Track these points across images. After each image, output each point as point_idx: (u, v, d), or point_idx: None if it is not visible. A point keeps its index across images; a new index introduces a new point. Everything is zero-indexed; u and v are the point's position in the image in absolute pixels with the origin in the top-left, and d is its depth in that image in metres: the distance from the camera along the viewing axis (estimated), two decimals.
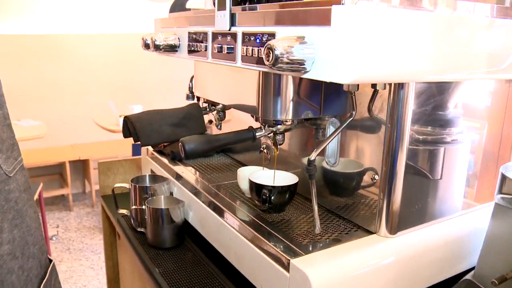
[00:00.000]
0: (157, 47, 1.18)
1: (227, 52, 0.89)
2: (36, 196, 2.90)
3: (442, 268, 0.87)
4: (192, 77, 1.32)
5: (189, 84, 1.36)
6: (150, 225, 1.08)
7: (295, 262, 0.73)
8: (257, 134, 0.96)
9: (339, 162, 0.93)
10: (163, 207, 1.08)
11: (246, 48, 0.76)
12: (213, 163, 1.31)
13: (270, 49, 0.64)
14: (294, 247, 0.79)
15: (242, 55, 0.82)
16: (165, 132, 1.19)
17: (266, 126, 0.97)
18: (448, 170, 0.88)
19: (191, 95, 1.34)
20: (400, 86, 0.77)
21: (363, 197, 0.86)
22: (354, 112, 0.83)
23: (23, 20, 3.77)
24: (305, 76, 0.66)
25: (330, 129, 0.95)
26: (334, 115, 0.91)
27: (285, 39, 0.63)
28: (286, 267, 0.75)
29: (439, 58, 0.71)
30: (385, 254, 0.79)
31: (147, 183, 1.21)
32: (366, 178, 0.85)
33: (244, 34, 0.77)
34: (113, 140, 4.10)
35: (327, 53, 0.61)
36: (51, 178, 4.09)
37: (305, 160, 1.00)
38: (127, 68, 4.20)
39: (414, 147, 0.82)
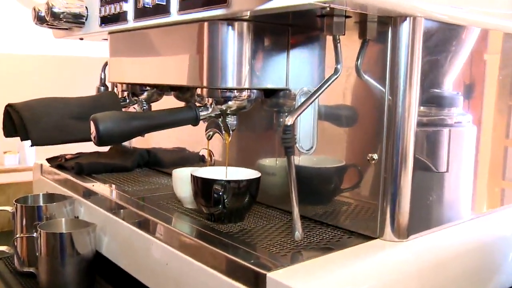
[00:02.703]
0: (55, 17, 1.04)
1: (157, 3, 0.84)
2: None
3: (478, 281, 0.84)
4: (105, 64, 1.23)
5: (101, 75, 1.26)
6: (44, 260, 0.95)
7: (273, 276, 0.65)
8: (201, 113, 0.86)
9: (315, 149, 0.87)
10: (64, 231, 0.97)
11: None
12: (134, 176, 1.24)
13: None
14: (269, 259, 0.70)
15: (179, 1, 0.79)
16: (68, 127, 1.03)
17: (213, 104, 0.88)
18: (464, 158, 0.87)
19: (103, 88, 1.25)
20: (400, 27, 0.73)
21: (353, 196, 0.82)
22: (339, 67, 0.75)
23: None
24: None
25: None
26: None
27: None
28: (260, 285, 0.66)
29: None
30: (402, 261, 0.75)
31: (41, 203, 1.10)
32: (353, 173, 0.82)
33: None
34: None
35: None
36: None
37: (264, 161, 0.96)
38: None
39: (425, 127, 0.79)
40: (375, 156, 0.76)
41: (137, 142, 1.37)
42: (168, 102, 1.06)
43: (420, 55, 0.73)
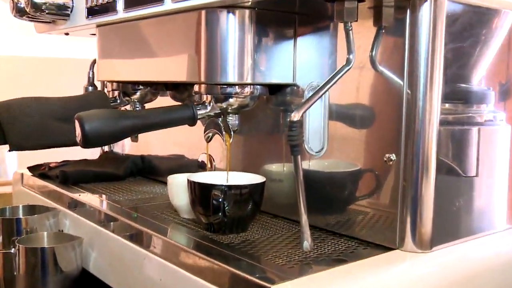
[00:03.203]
0: (37, 8, 1.06)
1: None
2: None
3: None
4: (93, 62, 1.25)
5: (89, 73, 1.28)
6: (23, 279, 0.95)
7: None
8: (199, 112, 0.86)
9: (326, 151, 0.87)
10: (45, 246, 0.97)
11: None
12: (126, 186, 1.25)
13: None
14: (274, 272, 0.70)
15: None
16: (51, 130, 1.02)
17: (212, 102, 0.89)
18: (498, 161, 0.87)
19: (92, 88, 1.26)
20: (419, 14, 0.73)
21: (370, 203, 0.82)
22: (351, 57, 0.74)
23: None
24: None
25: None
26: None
27: None
28: None
29: None
30: (425, 274, 0.75)
31: (20, 215, 1.11)
32: (369, 177, 0.82)
33: None
34: None
35: None
36: None
37: (270, 167, 0.96)
38: None
39: (449, 126, 0.78)
40: (393, 157, 0.76)
41: (130, 148, 1.38)
42: (164, 103, 1.06)
43: (443, 43, 0.73)
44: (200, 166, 1.12)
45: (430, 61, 0.73)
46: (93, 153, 1.42)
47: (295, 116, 0.71)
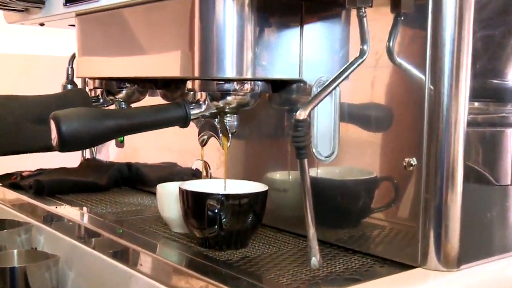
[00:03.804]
0: None
1: None
2: None
3: None
4: (73, 56, 1.27)
5: (67, 70, 1.31)
6: None
7: None
8: (192, 111, 0.87)
9: (337, 156, 0.87)
10: (16, 265, 0.96)
11: None
12: (110, 197, 1.26)
13: None
14: None
15: None
16: (25, 133, 1.04)
17: (207, 101, 0.90)
18: None
19: (71, 86, 1.29)
20: None
21: (387, 216, 0.83)
22: (365, 47, 0.75)
23: None
24: None
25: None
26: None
27: None
28: None
29: None
30: None
31: None
32: (386, 186, 0.82)
33: None
34: None
35: None
36: None
37: (273, 175, 0.98)
38: None
39: (478, 127, 0.79)
40: (413, 161, 0.76)
41: (115, 155, 1.39)
42: (153, 103, 1.07)
43: (471, 31, 0.73)
44: (194, 175, 1.13)
45: (456, 52, 0.73)
46: (73, 160, 1.43)
47: (301, 114, 0.71)
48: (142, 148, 1.30)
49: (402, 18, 0.77)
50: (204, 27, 0.82)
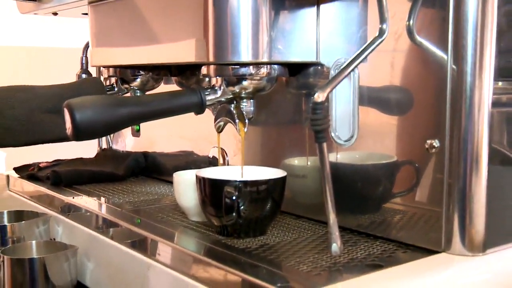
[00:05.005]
0: None
1: None
2: None
3: None
4: (86, 45, 1.28)
5: (81, 59, 1.32)
6: None
7: None
8: (207, 97, 0.88)
9: (357, 140, 0.87)
10: (35, 256, 0.98)
11: None
12: (127, 186, 1.27)
13: None
14: (298, 280, 0.71)
15: None
16: (39, 124, 1.05)
17: (223, 86, 0.90)
18: None
19: (85, 75, 1.29)
20: None
21: (409, 200, 0.83)
22: (384, 26, 0.74)
23: None
24: None
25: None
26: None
27: None
28: None
29: None
30: (478, 281, 0.75)
31: (5, 222, 1.12)
32: (408, 170, 0.83)
33: None
34: None
35: None
36: None
37: (291, 161, 0.98)
38: None
39: (503, 107, 0.78)
40: (436, 143, 0.76)
41: (131, 145, 1.41)
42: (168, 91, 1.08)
43: (495, 6, 0.72)
44: (211, 162, 1.13)
45: (479, 29, 0.72)
46: (90, 151, 1.43)
47: (320, 97, 0.70)
48: (158, 137, 1.31)
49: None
50: (218, 10, 0.82)
